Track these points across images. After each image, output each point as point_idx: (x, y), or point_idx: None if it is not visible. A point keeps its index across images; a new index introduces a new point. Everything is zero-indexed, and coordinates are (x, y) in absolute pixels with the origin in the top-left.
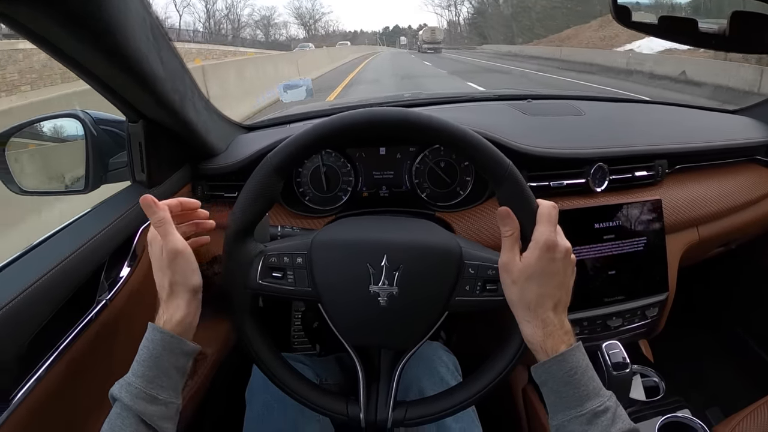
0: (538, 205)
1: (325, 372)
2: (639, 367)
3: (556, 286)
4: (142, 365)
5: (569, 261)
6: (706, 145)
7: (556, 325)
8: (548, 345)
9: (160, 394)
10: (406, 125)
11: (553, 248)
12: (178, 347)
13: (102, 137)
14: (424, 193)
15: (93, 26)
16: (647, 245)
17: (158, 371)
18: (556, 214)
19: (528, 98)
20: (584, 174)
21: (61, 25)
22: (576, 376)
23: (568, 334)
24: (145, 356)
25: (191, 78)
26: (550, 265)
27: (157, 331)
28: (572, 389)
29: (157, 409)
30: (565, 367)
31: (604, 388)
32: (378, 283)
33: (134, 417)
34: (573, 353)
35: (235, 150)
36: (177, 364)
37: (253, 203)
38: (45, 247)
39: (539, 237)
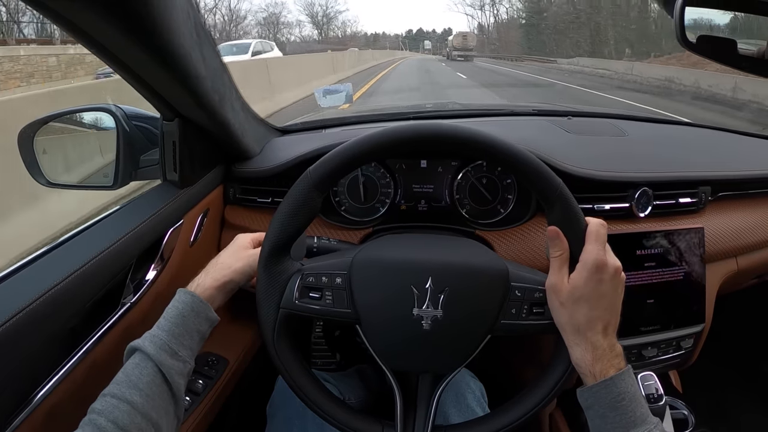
0: (587, 223)
1: (348, 389)
2: (669, 398)
3: (606, 307)
4: (169, 321)
5: (619, 280)
6: (751, 173)
7: (606, 349)
8: (597, 369)
9: (180, 351)
10: (456, 140)
11: (602, 268)
12: (204, 312)
13: (134, 133)
14: (464, 210)
15: (139, 24)
16: (687, 274)
17: (183, 329)
18: (605, 233)
19: (568, 115)
20: (628, 198)
21: (107, 22)
22: (624, 402)
23: (618, 357)
24: (173, 314)
25: (230, 77)
26: (599, 286)
27: (188, 294)
28: (619, 415)
29: (176, 364)
30: (613, 391)
31: (651, 415)
32: (422, 306)
33: (153, 368)
34: (622, 378)
35: (270, 154)
36: (200, 328)
37: (292, 219)
38: (72, 244)
39: (587, 257)
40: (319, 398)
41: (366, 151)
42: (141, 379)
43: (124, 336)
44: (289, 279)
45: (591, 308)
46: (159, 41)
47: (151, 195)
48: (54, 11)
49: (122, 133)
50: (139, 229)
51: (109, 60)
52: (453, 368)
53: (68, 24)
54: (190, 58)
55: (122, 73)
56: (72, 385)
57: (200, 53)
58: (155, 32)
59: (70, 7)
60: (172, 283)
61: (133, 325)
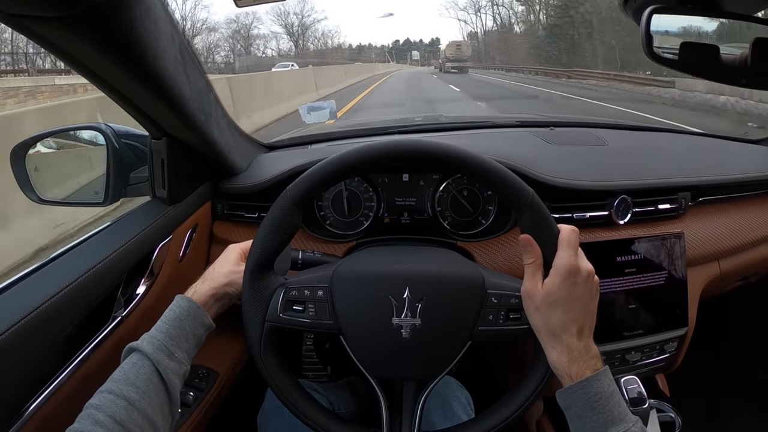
0: (559, 230)
1: (338, 399)
2: (655, 402)
3: (580, 310)
4: (167, 324)
5: (592, 284)
6: (731, 177)
7: (581, 350)
8: (573, 370)
9: (177, 352)
10: (428, 156)
11: (575, 273)
12: (200, 317)
13: (123, 151)
14: (446, 221)
15: (126, 49)
16: (668, 279)
17: (180, 331)
18: (576, 238)
19: (550, 125)
20: (607, 206)
21: (94, 47)
22: (601, 402)
23: (594, 358)
24: (170, 317)
25: (216, 97)
26: (573, 290)
27: (186, 299)
28: (597, 414)
29: (172, 364)
30: (590, 392)
31: (630, 413)
32: (401, 315)
33: (150, 367)
34: (598, 378)
35: (257, 170)
36: (196, 332)
37: (273, 236)
38: (64, 260)
39: (560, 263)
40: (307, 408)
41: (340, 169)
42: (138, 377)
43: (115, 348)
44: (273, 293)
45: (565, 312)
46: (145, 66)
47: (141, 211)
48: (44, 38)
49: (112, 151)
50: (129, 244)
51: (97, 82)
52: (435, 375)
53: (58, 50)
54: (175, 80)
55: (110, 94)
56: (65, 395)
57: (185, 75)
58: (141, 57)
59: (60, 35)
60: (162, 298)
61: (124, 338)
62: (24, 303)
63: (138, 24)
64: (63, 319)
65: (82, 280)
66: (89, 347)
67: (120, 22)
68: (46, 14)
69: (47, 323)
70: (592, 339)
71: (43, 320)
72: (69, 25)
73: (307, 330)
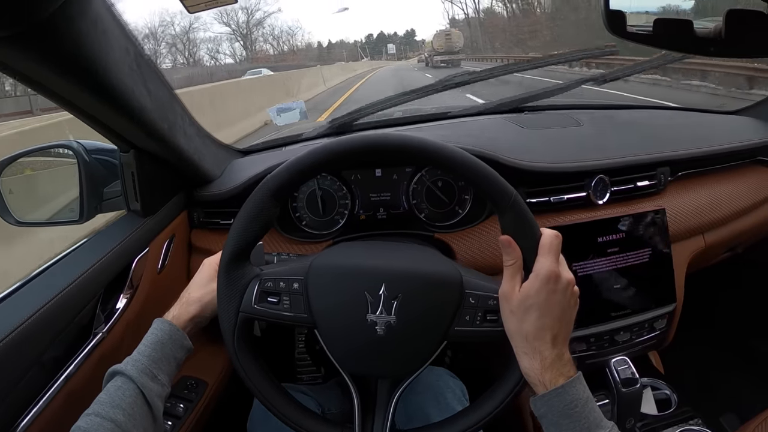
0: (541, 233)
1: (328, 401)
2: (649, 380)
3: (556, 318)
4: (149, 347)
5: (571, 293)
6: (709, 149)
7: (554, 358)
8: (546, 378)
9: (159, 375)
10: (406, 150)
11: (554, 279)
12: (180, 340)
13: (96, 167)
14: (422, 214)
15: (75, 65)
16: (652, 256)
17: (162, 355)
18: (559, 244)
19: (525, 110)
20: (585, 187)
21: (43, 64)
22: (576, 409)
23: (567, 365)
24: (152, 340)
25: (181, 105)
26: (551, 297)
27: (166, 323)
28: (573, 422)
29: (155, 386)
30: (565, 399)
31: (605, 419)
32: (376, 312)
33: (134, 390)
34: (573, 386)
35: (230, 175)
36: (176, 355)
37: (249, 226)
38: (41, 280)
39: (540, 268)
40: (281, 403)
41: (318, 160)
42: (124, 399)
43: (98, 364)
44: (248, 284)
45: (540, 317)
46: (97, 79)
47: (116, 225)
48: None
49: (84, 168)
50: (105, 259)
51: (55, 98)
52: (409, 373)
53: (9, 69)
54: (132, 92)
55: (70, 110)
56: (51, 414)
57: (143, 86)
58: (92, 71)
59: (8, 55)
60: (143, 311)
61: (107, 353)
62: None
63: (84, 37)
64: (44, 338)
65: (59, 298)
66: (72, 365)
67: (65, 37)
68: None
69: (28, 343)
70: (567, 348)
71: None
72: (14, 43)
73: (281, 322)
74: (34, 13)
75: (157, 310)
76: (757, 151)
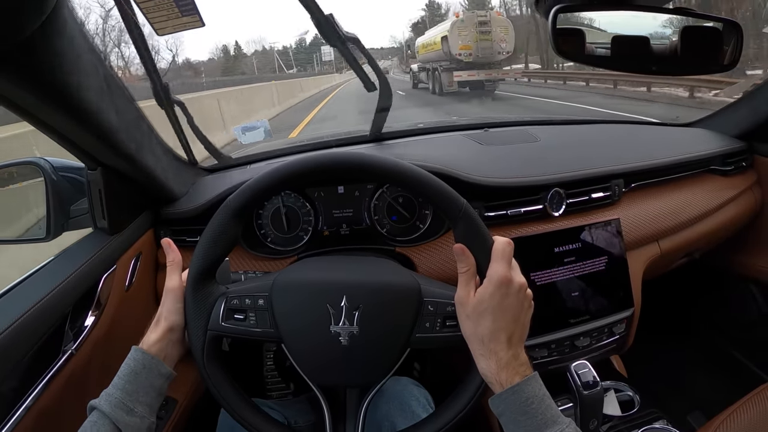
0: (494, 241)
1: (296, 414)
2: (611, 383)
3: (510, 320)
4: (122, 379)
5: (524, 296)
6: (661, 161)
7: (510, 358)
8: (502, 377)
9: (137, 408)
10: (362, 168)
11: (507, 284)
12: (156, 368)
13: (62, 184)
14: (384, 229)
15: (50, 84)
16: (609, 264)
17: (137, 386)
18: (511, 251)
19: (485, 127)
20: (541, 200)
21: (17, 84)
22: (533, 406)
23: (523, 365)
24: (125, 372)
25: (149, 124)
26: (504, 300)
27: (139, 351)
28: (530, 418)
29: (132, 420)
30: (521, 397)
31: (562, 415)
32: (339, 323)
33: (110, 425)
34: (528, 383)
35: (196, 194)
36: (154, 384)
37: (214, 246)
38: (6, 299)
39: (493, 274)
40: (251, 417)
41: (278, 179)
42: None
43: (69, 382)
44: (215, 302)
45: (494, 320)
46: (69, 99)
47: (83, 243)
48: None
49: (51, 185)
50: (72, 277)
51: (24, 115)
52: (376, 381)
53: None
54: (101, 112)
55: (38, 126)
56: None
57: (112, 105)
58: (65, 92)
59: None
60: (112, 328)
61: (78, 372)
62: None
63: (60, 57)
64: (11, 357)
65: (27, 317)
66: (41, 383)
67: (43, 56)
68: None
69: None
70: (522, 348)
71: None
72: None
73: (248, 338)
74: (18, 32)
75: (126, 326)
76: (710, 161)
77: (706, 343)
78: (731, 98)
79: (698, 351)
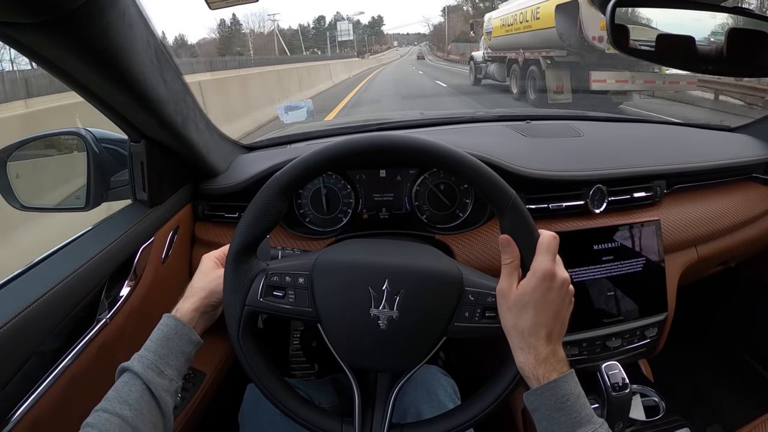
0: (539, 234)
1: (320, 395)
2: (639, 387)
3: (551, 315)
4: (155, 343)
5: (566, 292)
6: (704, 164)
7: (548, 354)
8: (540, 372)
9: (167, 370)
10: (413, 151)
11: (550, 278)
12: (187, 335)
13: (104, 155)
14: (423, 216)
15: (101, 53)
16: (646, 266)
17: (168, 350)
18: (556, 245)
19: (527, 119)
20: (583, 196)
21: (70, 52)
22: (568, 403)
23: (561, 362)
24: (158, 336)
25: (193, 98)
26: (546, 294)
27: (172, 318)
28: (564, 416)
29: (162, 381)
30: (557, 393)
31: (596, 416)
32: (379, 307)
33: (141, 385)
34: (565, 380)
35: (236, 170)
36: (184, 350)
37: (258, 221)
38: (45, 265)
39: (537, 267)
40: (281, 393)
41: (327, 158)
42: (130, 395)
43: (101, 351)
44: (254, 278)
45: (536, 314)
46: (121, 69)
47: (122, 215)
48: (20, 42)
49: (92, 156)
50: (111, 247)
51: (75, 86)
52: (409, 367)
53: (34, 54)
54: (151, 83)
55: (88, 98)
56: (53, 399)
57: (161, 78)
58: (116, 62)
59: (36, 41)
60: (146, 299)
61: (110, 341)
62: (6, 308)
63: (112, 28)
64: (47, 323)
65: (64, 284)
66: (74, 350)
67: (94, 27)
68: (21, 20)
69: (31, 328)
70: (561, 345)
71: (28, 325)
72: (45, 30)
73: (286, 316)
74: (69, 1)
75: (160, 298)
76: (752, 169)
77: (733, 354)
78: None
79: (724, 362)
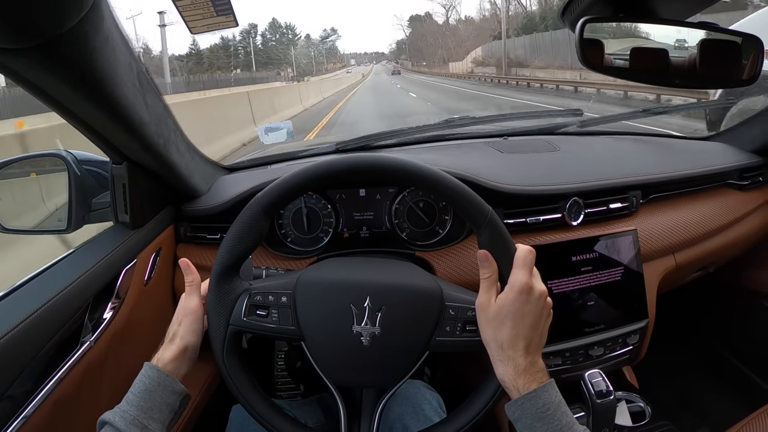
0: (516, 248)
1: (306, 414)
2: (623, 393)
3: (529, 327)
4: (137, 396)
5: (544, 304)
6: (678, 174)
7: (527, 365)
8: (520, 383)
9: (150, 424)
10: (391, 172)
11: (527, 291)
12: (170, 385)
13: (85, 177)
14: (404, 233)
15: (85, 77)
16: (624, 274)
17: (152, 403)
18: (533, 259)
19: (504, 135)
20: (560, 209)
21: (55, 75)
22: (549, 412)
23: (540, 372)
24: (140, 389)
25: (174, 121)
26: (524, 307)
27: (154, 369)
28: (546, 425)
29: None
30: (537, 403)
31: (578, 423)
32: (361, 323)
33: None
34: (545, 390)
35: (218, 191)
36: (168, 401)
37: (241, 242)
38: (28, 288)
39: (515, 280)
40: (268, 413)
41: (308, 179)
42: None
43: (85, 374)
44: (237, 297)
45: (514, 327)
46: (104, 93)
47: (104, 237)
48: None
49: (73, 178)
50: (93, 269)
51: (57, 108)
52: (394, 383)
53: (18, 77)
54: (133, 107)
55: (70, 120)
56: (37, 424)
57: (143, 101)
58: (100, 86)
59: (21, 64)
60: (130, 321)
61: (94, 364)
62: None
63: (97, 52)
64: (30, 346)
65: (47, 307)
66: (59, 374)
67: (80, 52)
68: (7, 46)
69: (14, 351)
70: (540, 356)
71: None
72: (30, 55)
73: (270, 335)
74: (55, 27)
75: (143, 321)
76: (727, 175)
77: (717, 357)
78: None
79: (709, 365)
